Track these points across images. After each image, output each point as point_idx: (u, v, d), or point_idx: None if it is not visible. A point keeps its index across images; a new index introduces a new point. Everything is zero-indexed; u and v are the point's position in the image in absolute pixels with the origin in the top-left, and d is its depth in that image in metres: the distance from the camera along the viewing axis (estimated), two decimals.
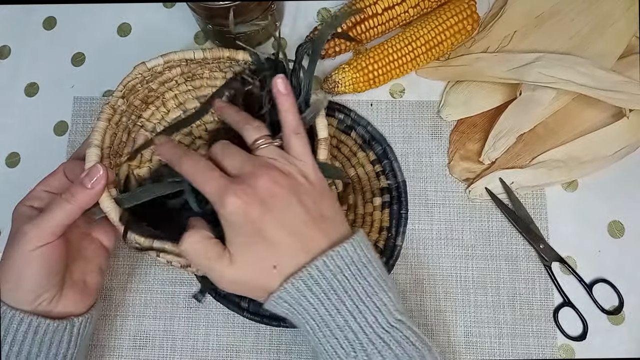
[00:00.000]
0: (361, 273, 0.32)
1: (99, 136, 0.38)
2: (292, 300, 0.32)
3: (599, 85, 0.45)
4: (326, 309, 0.31)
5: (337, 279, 0.31)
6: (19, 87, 0.53)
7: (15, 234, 0.36)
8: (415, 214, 0.47)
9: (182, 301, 0.46)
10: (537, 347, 0.43)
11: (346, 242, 0.32)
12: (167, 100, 0.45)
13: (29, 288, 0.36)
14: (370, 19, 0.47)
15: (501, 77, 0.47)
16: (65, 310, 0.37)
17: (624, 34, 0.48)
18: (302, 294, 0.31)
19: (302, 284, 0.31)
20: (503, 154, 0.47)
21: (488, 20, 0.51)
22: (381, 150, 0.48)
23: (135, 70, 0.40)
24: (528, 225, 0.45)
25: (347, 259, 0.32)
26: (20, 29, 0.55)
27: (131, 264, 0.47)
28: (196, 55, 0.41)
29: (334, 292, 0.31)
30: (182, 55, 0.41)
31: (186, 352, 0.45)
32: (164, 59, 0.40)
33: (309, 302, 0.31)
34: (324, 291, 0.31)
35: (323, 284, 0.31)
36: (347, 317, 0.31)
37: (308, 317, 0.32)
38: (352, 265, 0.32)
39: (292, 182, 0.33)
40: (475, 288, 0.45)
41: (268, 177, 0.33)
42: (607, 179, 0.46)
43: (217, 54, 0.41)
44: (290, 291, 0.31)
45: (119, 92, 0.40)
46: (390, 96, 0.50)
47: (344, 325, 0.31)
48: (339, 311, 0.31)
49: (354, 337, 0.31)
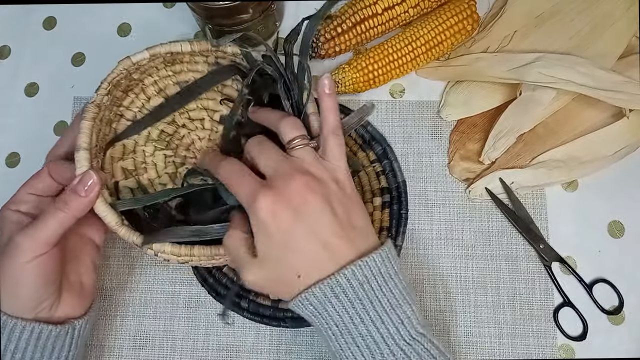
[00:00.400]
0: (387, 285, 0.32)
1: (86, 138, 0.36)
2: (318, 304, 0.32)
3: (599, 85, 0.45)
4: (350, 316, 0.31)
5: (363, 289, 0.31)
6: (19, 87, 0.53)
7: (8, 245, 0.35)
8: (415, 214, 0.47)
9: (182, 301, 0.46)
10: (537, 347, 0.43)
11: (375, 253, 0.32)
12: (146, 86, 0.43)
13: (28, 298, 0.35)
14: (370, 19, 0.47)
15: (501, 77, 0.47)
16: (65, 314, 0.37)
17: (624, 34, 0.48)
18: (329, 300, 0.31)
19: (329, 290, 0.31)
20: (503, 154, 0.47)
21: (488, 20, 0.51)
22: (381, 150, 0.48)
23: (120, 66, 0.38)
24: (528, 225, 0.45)
25: (374, 269, 0.32)
26: (20, 29, 0.55)
27: (131, 264, 0.47)
28: (183, 48, 0.39)
29: (359, 301, 0.31)
30: (168, 48, 0.39)
31: (186, 352, 0.45)
32: (149, 53, 0.38)
33: (334, 309, 0.31)
34: (349, 299, 0.31)
35: (349, 292, 0.31)
36: (370, 327, 0.31)
37: (332, 323, 0.32)
38: (379, 277, 0.32)
39: (324, 189, 0.33)
40: (475, 288, 0.45)
41: (301, 182, 0.32)
42: (607, 179, 0.46)
43: (205, 47, 0.40)
44: (318, 295, 0.31)
45: (103, 90, 0.38)
46: (390, 96, 0.50)
47: (367, 334, 0.31)
48: (362, 320, 0.31)
49: (375, 347, 0.31)
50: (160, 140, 0.45)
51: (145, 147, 0.44)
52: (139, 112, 0.44)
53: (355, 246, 0.33)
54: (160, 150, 0.45)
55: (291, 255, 0.32)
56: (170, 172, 0.45)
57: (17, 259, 0.34)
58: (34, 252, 0.34)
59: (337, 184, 0.34)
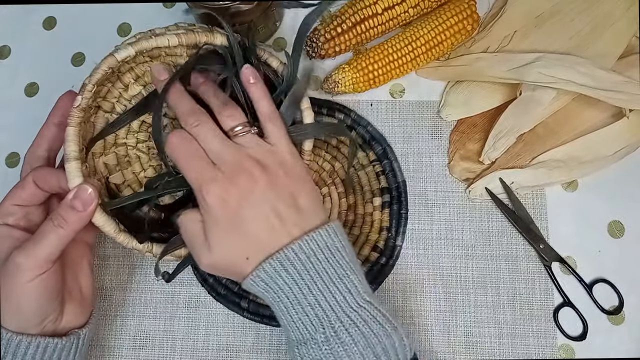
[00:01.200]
0: (334, 257, 0.34)
1: (75, 146, 0.34)
2: (269, 279, 0.33)
3: (599, 85, 0.45)
4: (299, 287, 0.33)
5: (310, 261, 0.33)
6: (19, 87, 0.53)
7: (7, 264, 0.34)
8: (415, 214, 0.47)
9: (182, 301, 0.46)
10: (537, 347, 0.43)
11: (321, 229, 0.34)
12: (123, 74, 0.41)
13: (32, 315, 0.35)
14: (370, 19, 0.47)
15: (501, 77, 0.47)
16: (69, 325, 0.37)
17: (624, 34, 0.48)
18: (278, 274, 0.33)
19: (279, 264, 0.33)
20: (503, 154, 0.47)
21: (488, 20, 0.51)
22: (381, 150, 0.48)
23: (105, 65, 0.35)
24: (528, 225, 0.45)
25: (321, 243, 0.33)
26: (20, 29, 0.55)
27: (131, 263, 0.47)
28: (171, 42, 0.36)
29: (306, 272, 0.33)
30: (154, 43, 0.36)
31: (186, 352, 0.45)
32: (134, 49, 0.35)
33: (284, 281, 0.33)
34: (297, 271, 0.33)
35: (297, 264, 0.33)
36: (318, 296, 0.32)
37: (283, 296, 0.33)
38: (325, 250, 0.33)
39: (270, 176, 0.34)
40: (475, 288, 0.45)
41: (247, 170, 0.34)
42: (607, 179, 0.46)
43: (193, 39, 0.37)
44: (268, 270, 0.33)
45: (88, 93, 0.35)
46: (390, 96, 0.50)
47: (315, 303, 0.32)
48: (310, 290, 0.33)
49: (323, 315, 0.32)
50: (141, 131, 0.43)
51: (127, 140, 0.43)
52: (117, 103, 0.42)
53: (300, 226, 0.34)
54: (142, 142, 0.44)
55: (238, 239, 0.33)
56: (155, 165, 0.44)
57: (18, 278, 0.34)
58: (36, 272, 0.34)
59: (283, 166, 0.35)
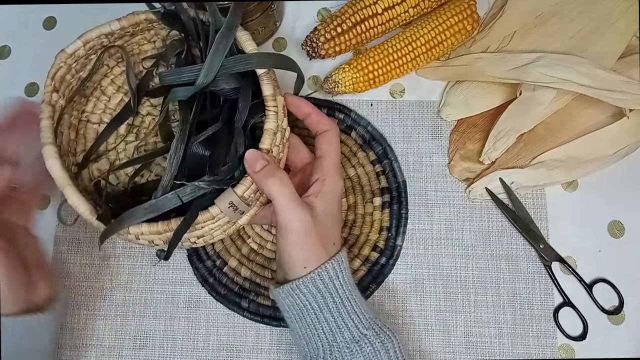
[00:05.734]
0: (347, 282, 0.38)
1: (49, 133, 0.36)
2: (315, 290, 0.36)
3: (599, 85, 0.45)
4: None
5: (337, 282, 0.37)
6: (19, 87, 0.53)
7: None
8: (415, 213, 0.47)
9: (182, 301, 0.46)
10: (537, 347, 0.43)
11: (334, 259, 0.37)
12: (105, 87, 0.44)
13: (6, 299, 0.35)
14: (370, 19, 0.47)
15: (501, 77, 0.47)
16: (45, 295, 0.37)
17: (624, 34, 0.48)
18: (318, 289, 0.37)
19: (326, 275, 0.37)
20: (503, 154, 0.47)
21: (488, 20, 0.51)
22: (381, 150, 0.48)
23: (58, 60, 0.38)
24: (528, 225, 0.45)
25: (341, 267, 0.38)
26: (20, 29, 0.55)
27: (131, 263, 0.47)
28: (112, 26, 0.39)
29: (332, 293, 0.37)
30: (98, 31, 0.39)
31: (186, 352, 0.45)
32: (81, 41, 0.38)
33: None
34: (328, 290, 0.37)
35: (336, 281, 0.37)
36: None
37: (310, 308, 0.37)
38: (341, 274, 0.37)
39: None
40: (475, 288, 0.45)
41: (340, 186, 0.40)
42: (607, 179, 0.46)
43: (133, 20, 0.40)
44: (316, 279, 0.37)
45: (49, 87, 0.38)
46: (390, 96, 0.50)
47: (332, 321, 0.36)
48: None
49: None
50: (129, 133, 0.45)
51: (116, 144, 0.45)
52: (103, 113, 0.45)
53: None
54: (130, 143, 0.45)
55: (333, 224, 0.38)
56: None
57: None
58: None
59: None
